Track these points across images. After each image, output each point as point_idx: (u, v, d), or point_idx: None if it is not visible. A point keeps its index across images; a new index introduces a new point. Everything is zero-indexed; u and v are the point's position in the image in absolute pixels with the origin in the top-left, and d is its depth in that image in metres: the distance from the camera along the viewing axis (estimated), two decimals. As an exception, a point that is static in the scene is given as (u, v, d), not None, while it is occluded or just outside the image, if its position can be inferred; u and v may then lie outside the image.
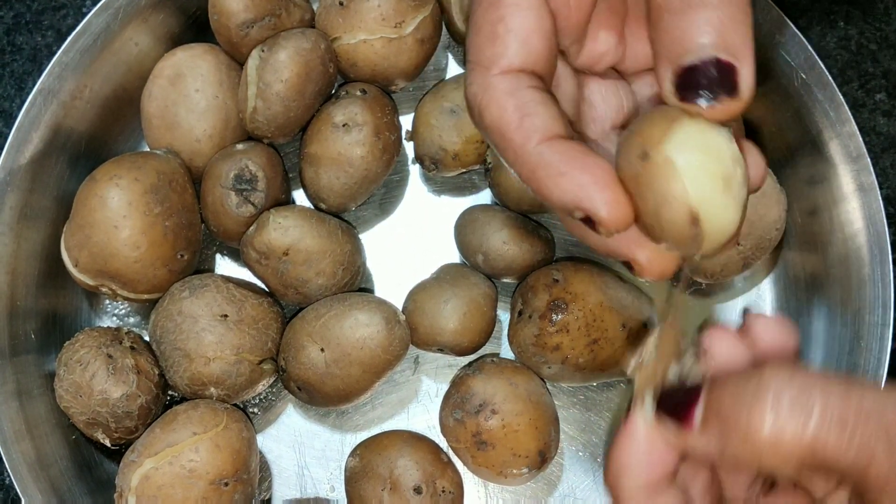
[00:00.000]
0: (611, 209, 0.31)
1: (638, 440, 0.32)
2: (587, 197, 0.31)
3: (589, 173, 0.31)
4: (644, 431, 0.32)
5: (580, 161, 0.31)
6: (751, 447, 0.29)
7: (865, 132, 0.61)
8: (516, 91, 0.33)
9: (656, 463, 0.32)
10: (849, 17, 0.62)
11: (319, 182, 0.54)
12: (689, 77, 0.30)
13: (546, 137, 0.32)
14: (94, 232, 0.50)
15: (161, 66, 0.55)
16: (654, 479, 0.32)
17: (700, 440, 0.31)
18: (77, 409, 0.50)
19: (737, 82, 0.30)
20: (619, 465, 0.32)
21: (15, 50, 0.63)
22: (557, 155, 0.31)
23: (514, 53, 0.33)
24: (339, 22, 0.54)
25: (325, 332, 0.51)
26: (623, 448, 0.32)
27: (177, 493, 0.48)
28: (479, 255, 0.54)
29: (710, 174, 0.30)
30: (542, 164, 0.32)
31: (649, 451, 0.32)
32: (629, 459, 0.32)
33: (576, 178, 0.31)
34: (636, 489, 0.32)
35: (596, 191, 0.31)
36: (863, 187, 0.52)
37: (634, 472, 0.32)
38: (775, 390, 0.28)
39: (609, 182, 0.31)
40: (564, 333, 0.51)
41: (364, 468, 0.52)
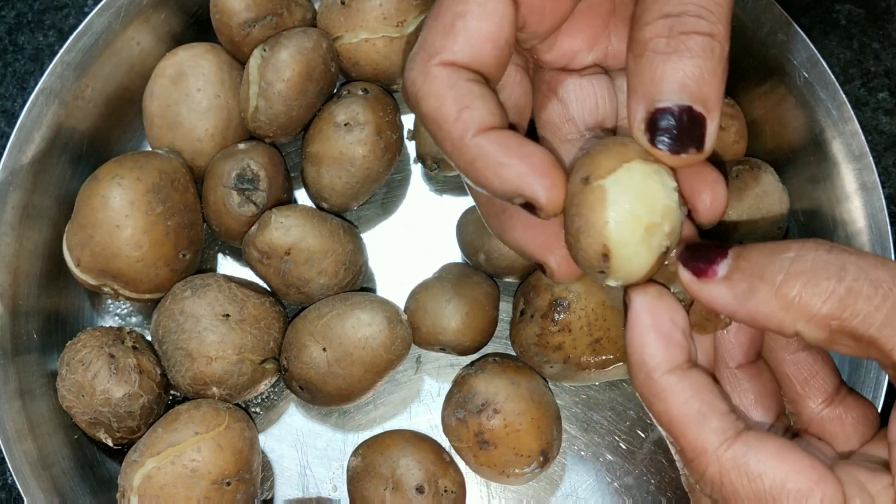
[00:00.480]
0: (549, 193, 0.32)
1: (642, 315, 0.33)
2: (527, 184, 0.32)
3: (527, 161, 0.32)
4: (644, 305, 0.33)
5: (517, 150, 0.32)
6: (780, 300, 0.30)
7: (868, 131, 0.61)
8: (455, 83, 0.33)
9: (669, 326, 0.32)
10: (851, 16, 0.62)
11: (321, 181, 0.54)
12: (661, 120, 0.31)
13: (483, 129, 0.32)
14: (97, 231, 0.50)
15: (163, 66, 0.55)
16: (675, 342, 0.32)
17: (720, 290, 0.31)
18: (79, 408, 0.50)
19: (703, 135, 0.31)
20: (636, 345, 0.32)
21: (17, 49, 0.63)
22: (495, 146, 0.32)
23: (461, 51, 0.33)
24: (341, 21, 0.54)
25: (327, 332, 0.51)
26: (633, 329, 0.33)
27: (179, 492, 0.48)
28: (481, 255, 0.54)
29: (634, 219, 0.32)
30: (480, 156, 0.32)
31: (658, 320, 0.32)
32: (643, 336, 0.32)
33: (515, 167, 0.32)
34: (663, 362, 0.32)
35: (535, 178, 0.32)
36: (865, 186, 0.52)
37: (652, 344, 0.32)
38: (815, 253, 0.30)
39: (546, 168, 0.32)
40: (566, 333, 0.51)
41: (366, 468, 0.52)
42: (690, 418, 0.31)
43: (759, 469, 0.30)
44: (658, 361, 0.32)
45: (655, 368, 0.32)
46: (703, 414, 0.31)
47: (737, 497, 0.30)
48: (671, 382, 0.32)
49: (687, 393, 0.31)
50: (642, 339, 0.32)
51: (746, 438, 0.31)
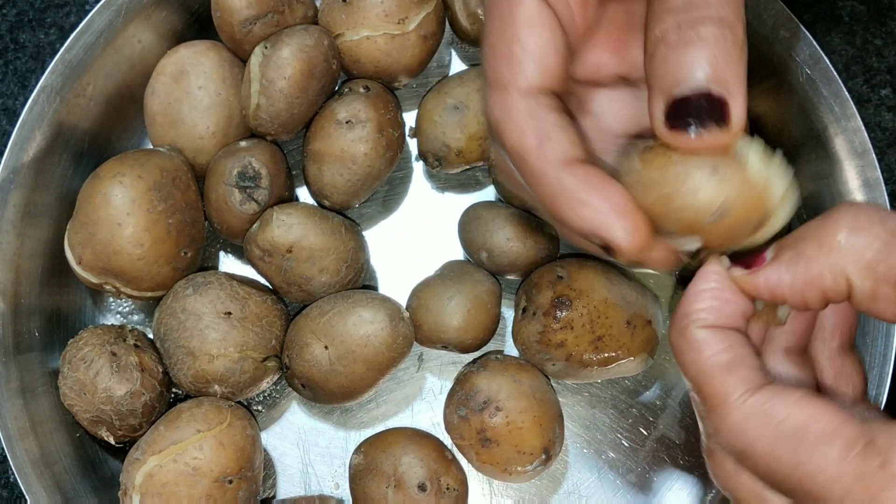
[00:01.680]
0: (631, 237, 0.32)
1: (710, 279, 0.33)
2: (606, 226, 0.32)
3: (608, 202, 0.32)
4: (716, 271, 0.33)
5: (599, 189, 0.32)
6: (826, 250, 0.30)
7: (870, 128, 0.61)
8: (535, 113, 0.33)
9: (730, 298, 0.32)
10: (854, 13, 0.62)
11: (323, 179, 0.54)
12: (680, 108, 0.31)
13: (565, 162, 0.32)
14: (98, 229, 0.50)
15: (164, 63, 0.55)
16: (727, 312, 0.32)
17: (771, 270, 0.31)
18: (81, 406, 0.50)
19: (727, 113, 0.31)
20: (692, 297, 0.33)
21: (18, 47, 0.63)
22: (576, 181, 0.32)
23: (532, 73, 0.33)
24: (342, 18, 0.54)
25: (328, 330, 0.51)
26: (696, 285, 0.33)
27: (181, 490, 0.48)
28: (483, 252, 0.54)
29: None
30: (561, 191, 0.32)
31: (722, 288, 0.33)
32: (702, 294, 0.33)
33: (595, 207, 0.32)
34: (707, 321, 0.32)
35: (615, 220, 0.32)
36: (868, 183, 0.51)
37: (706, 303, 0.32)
38: (849, 205, 0.30)
39: (627, 210, 0.32)
40: (569, 330, 0.51)
41: (368, 466, 0.52)
42: (719, 367, 0.31)
43: (782, 415, 0.30)
44: (703, 316, 0.32)
45: (696, 321, 0.32)
46: (733, 364, 0.31)
47: (758, 443, 0.30)
48: (707, 334, 0.32)
49: (720, 345, 0.32)
50: (697, 294, 0.33)
51: (771, 387, 0.31)
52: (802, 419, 0.30)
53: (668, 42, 0.32)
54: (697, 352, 0.32)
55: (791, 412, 0.30)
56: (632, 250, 0.32)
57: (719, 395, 0.31)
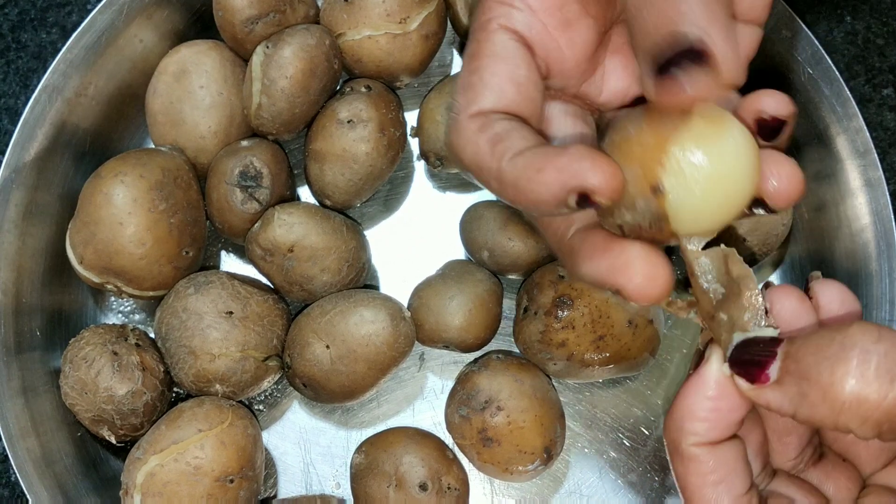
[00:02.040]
0: (600, 171, 0.30)
1: (709, 386, 0.32)
2: (573, 174, 0.30)
3: (565, 155, 0.31)
4: (716, 379, 0.32)
5: (553, 152, 0.31)
6: (830, 405, 0.29)
7: (872, 127, 0.61)
8: (485, 125, 0.34)
9: (726, 410, 0.32)
10: (856, 12, 0.62)
11: (324, 178, 0.54)
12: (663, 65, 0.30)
13: (518, 152, 0.32)
14: (99, 229, 0.50)
15: (165, 63, 0.55)
16: (722, 427, 0.32)
17: (774, 394, 0.31)
18: (82, 406, 0.50)
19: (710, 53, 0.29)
20: (686, 410, 0.33)
21: (20, 47, 0.63)
22: (529, 158, 0.32)
23: (485, 99, 0.34)
24: (344, 18, 0.54)
25: (330, 329, 0.51)
26: (692, 393, 0.33)
27: (182, 489, 0.48)
28: (485, 252, 0.54)
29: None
30: (517, 173, 0.32)
31: (720, 398, 0.32)
32: (697, 405, 0.32)
33: (555, 165, 0.31)
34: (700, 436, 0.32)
35: (579, 165, 0.30)
36: (870, 182, 0.51)
37: (701, 418, 0.32)
38: (861, 348, 0.28)
39: (590, 153, 0.30)
40: (570, 330, 0.51)
41: (369, 465, 0.52)
42: (708, 487, 0.32)
43: None
44: (698, 433, 0.32)
45: (691, 436, 0.32)
46: (721, 486, 0.32)
47: None
48: (700, 452, 0.32)
49: (711, 465, 0.32)
50: (694, 404, 0.33)
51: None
52: None
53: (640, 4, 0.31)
54: (687, 468, 0.32)
55: None
56: (609, 183, 0.30)
57: None
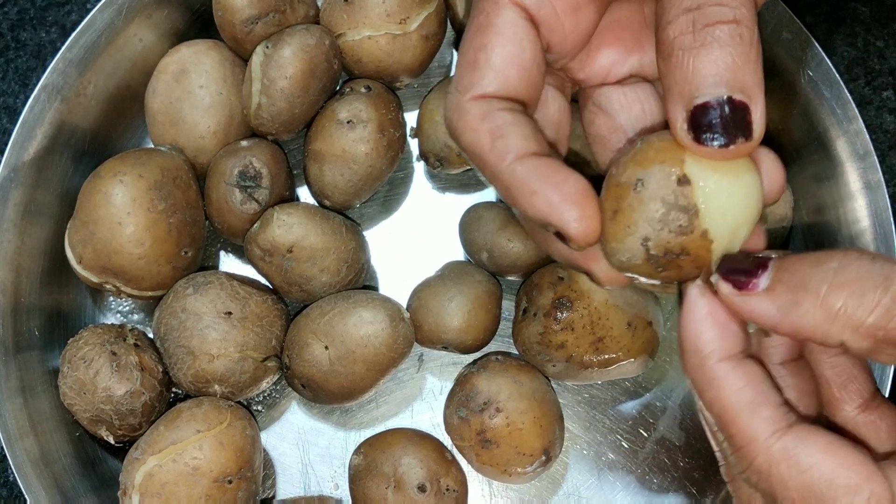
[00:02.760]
0: (580, 225, 0.32)
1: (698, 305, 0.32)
2: (556, 214, 0.32)
3: (558, 190, 0.32)
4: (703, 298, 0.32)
5: (551, 178, 0.32)
6: (825, 311, 0.29)
7: (872, 130, 0.61)
8: (487, 115, 0.34)
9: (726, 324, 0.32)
10: (856, 14, 0.62)
11: (323, 179, 0.54)
12: (703, 116, 0.31)
13: (518, 156, 0.33)
14: (98, 228, 0.50)
15: (165, 63, 0.55)
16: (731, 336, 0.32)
17: (761, 302, 0.31)
18: (81, 406, 0.50)
19: (750, 122, 0.31)
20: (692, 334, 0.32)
21: (19, 46, 0.63)
22: (529, 172, 0.32)
23: (489, 82, 0.34)
24: (344, 18, 0.54)
25: (329, 330, 0.51)
26: (689, 320, 0.32)
27: (180, 490, 0.48)
28: (484, 253, 0.54)
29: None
30: (514, 182, 0.33)
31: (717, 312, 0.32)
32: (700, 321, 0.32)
33: (546, 196, 0.32)
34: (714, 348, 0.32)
35: (565, 208, 0.32)
36: (869, 185, 0.51)
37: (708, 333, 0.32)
38: (857, 261, 0.29)
39: (578, 197, 0.32)
40: (569, 331, 0.51)
41: (368, 466, 0.52)
42: (743, 406, 0.31)
43: (809, 462, 0.30)
44: (713, 349, 0.32)
45: (710, 355, 0.32)
46: (756, 403, 0.31)
47: (784, 488, 0.30)
48: (726, 370, 0.31)
49: (741, 381, 0.31)
50: (698, 325, 0.32)
51: (798, 431, 0.31)
52: (829, 470, 0.30)
53: (683, 45, 0.31)
54: (719, 389, 0.31)
55: (818, 461, 0.30)
56: (583, 237, 0.32)
57: (746, 437, 0.31)
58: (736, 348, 0.32)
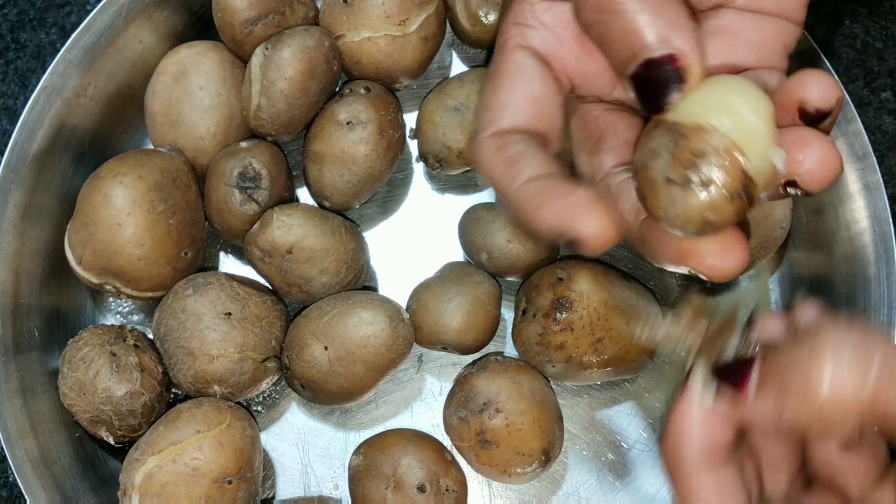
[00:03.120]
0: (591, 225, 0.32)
1: (695, 410, 0.33)
2: (565, 222, 0.33)
3: (564, 200, 0.33)
4: (700, 401, 0.33)
5: (558, 191, 0.33)
6: (810, 403, 0.29)
7: (871, 131, 0.61)
8: (502, 146, 0.36)
9: (715, 431, 0.33)
10: (854, 15, 0.62)
11: (323, 180, 0.54)
12: (640, 81, 0.33)
13: (529, 178, 0.34)
14: (98, 229, 0.50)
15: (165, 64, 0.55)
16: (715, 446, 0.33)
17: (756, 406, 0.31)
18: (81, 406, 0.50)
19: (686, 68, 0.32)
20: (679, 433, 0.33)
21: (19, 47, 0.63)
22: (536, 189, 0.34)
23: (502, 118, 0.36)
24: (343, 19, 0.54)
25: (328, 331, 0.51)
26: (682, 417, 0.33)
27: (180, 490, 0.48)
28: (483, 254, 0.54)
29: None
30: (524, 200, 0.34)
31: (707, 420, 0.33)
32: (689, 428, 0.33)
33: (553, 207, 0.33)
34: (698, 455, 0.33)
35: (573, 214, 0.33)
36: (868, 186, 0.52)
37: (695, 440, 0.33)
38: (833, 345, 0.29)
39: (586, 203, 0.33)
40: (569, 332, 0.51)
41: (368, 467, 0.52)
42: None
43: None
44: (695, 457, 0.33)
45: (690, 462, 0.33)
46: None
47: None
48: (700, 479, 0.33)
49: (711, 493, 0.33)
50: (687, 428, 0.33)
51: None
52: None
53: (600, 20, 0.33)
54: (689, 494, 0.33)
55: None
56: (596, 238, 0.32)
57: None
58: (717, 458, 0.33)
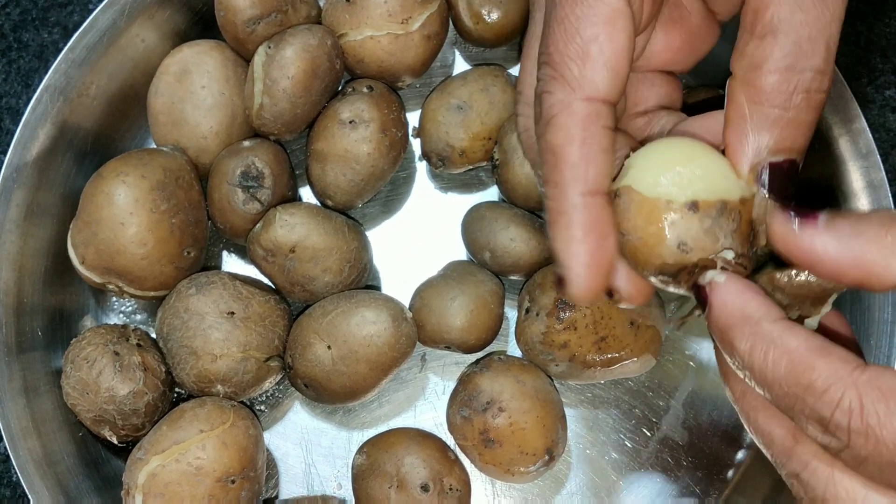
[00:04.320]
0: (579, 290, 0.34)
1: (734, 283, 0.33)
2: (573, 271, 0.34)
3: (586, 252, 0.33)
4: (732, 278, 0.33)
5: (594, 237, 0.33)
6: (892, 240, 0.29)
7: (875, 129, 0.61)
8: (589, 126, 0.33)
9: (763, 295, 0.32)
10: (858, 13, 0.62)
11: (326, 179, 0.54)
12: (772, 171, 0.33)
13: (588, 191, 0.33)
14: (101, 229, 0.50)
15: (167, 63, 0.55)
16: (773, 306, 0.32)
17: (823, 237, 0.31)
18: (84, 406, 0.50)
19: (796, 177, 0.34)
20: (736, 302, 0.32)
21: (21, 47, 0.63)
22: (585, 216, 0.33)
23: (602, 80, 0.34)
24: (346, 18, 0.54)
25: (331, 330, 0.51)
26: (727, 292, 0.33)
27: (184, 490, 0.48)
28: (486, 253, 0.54)
29: None
30: (568, 215, 0.34)
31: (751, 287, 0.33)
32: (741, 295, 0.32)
33: (578, 250, 0.33)
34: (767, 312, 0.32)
35: (582, 269, 0.34)
36: (872, 184, 0.51)
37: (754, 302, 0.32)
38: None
39: (597, 268, 0.34)
40: (572, 331, 0.51)
41: (371, 466, 0.52)
42: (817, 351, 0.30)
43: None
44: (764, 312, 0.32)
45: (765, 317, 0.31)
46: (827, 347, 0.30)
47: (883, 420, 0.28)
48: (786, 326, 0.31)
49: (804, 333, 0.31)
50: (740, 297, 0.32)
51: (875, 367, 0.30)
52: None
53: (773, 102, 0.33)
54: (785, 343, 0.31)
55: None
56: (574, 299, 0.34)
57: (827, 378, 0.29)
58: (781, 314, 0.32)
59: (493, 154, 0.55)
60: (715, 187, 0.33)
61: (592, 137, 0.33)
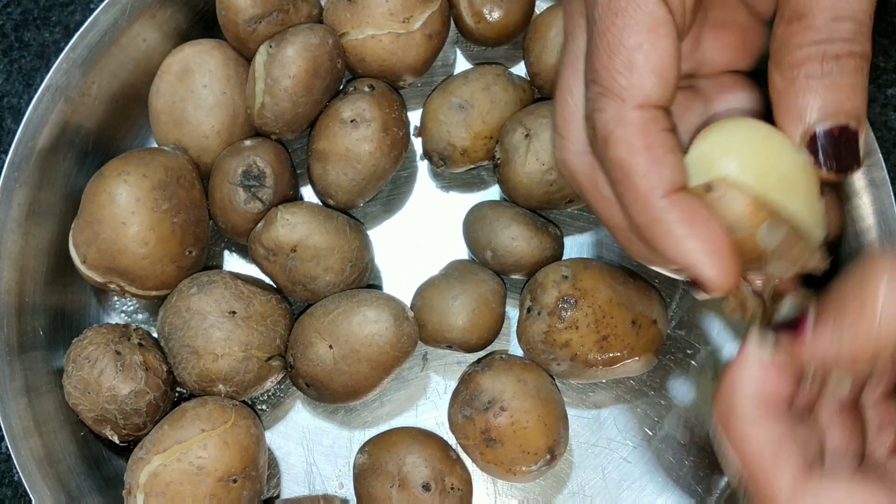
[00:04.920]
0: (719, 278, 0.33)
1: (751, 362, 0.33)
2: (698, 263, 0.33)
3: (703, 240, 0.33)
4: (757, 353, 0.33)
5: (697, 226, 0.33)
6: (867, 326, 0.30)
7: (877, 127, 0.60)
8: (649, 132, 0.33)
9: (772, 381, 0.33)
10: (860, 12, 0.62)
11: (327, 178, 0.54)
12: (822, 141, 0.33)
13: (669, 191, 0.33)
14: (103, 228, 0.50)
15: (169, 62, 0.55)
16: (771, 397, 0.33)
17: (815, 344, 0.32)
18: (85, 405, 0.50)
19: (858, 149, 0.34)
20: (733, 386, 0.33)
21: (23, 46, 0.63)
22: (679, 214, 0.33)
23: (651, 86, 0.33)
24: (347, 17, 0.53)
25: (333, 329, 0.51)
26: (736, 371, 0.33)
27: (185, 489, 0.48)
28: (488, 252, 0.54)
29: None
30: (662, 220, 0.33)
31: (764, 371, 0.33)
32: (743, 380, 0.33)
33: (691, 244, 0.33)
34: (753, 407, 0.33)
35: (706, 258, 0.33)
36: (874, 183, 0.51)
37: (749, 391, 0.33)
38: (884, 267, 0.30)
39: (722, 251, 0.33)
40: (574, 330, 0.50)
41: (372, 465, 0.51)
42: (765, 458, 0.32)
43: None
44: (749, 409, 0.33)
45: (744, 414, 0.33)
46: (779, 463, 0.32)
47: None
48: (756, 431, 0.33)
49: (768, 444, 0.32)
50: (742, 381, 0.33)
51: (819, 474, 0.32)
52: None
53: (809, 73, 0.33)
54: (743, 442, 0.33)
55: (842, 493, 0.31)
56: (719, 290, 0.33)
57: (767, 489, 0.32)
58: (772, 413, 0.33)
59: (494, 153, 0.55)
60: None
61: (655, 142, 0.33)
